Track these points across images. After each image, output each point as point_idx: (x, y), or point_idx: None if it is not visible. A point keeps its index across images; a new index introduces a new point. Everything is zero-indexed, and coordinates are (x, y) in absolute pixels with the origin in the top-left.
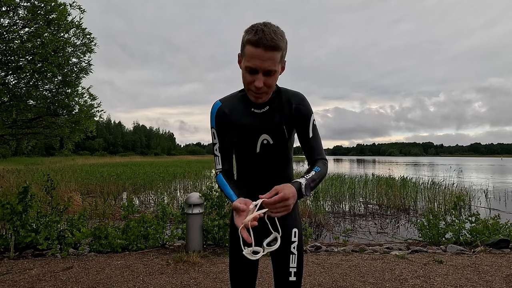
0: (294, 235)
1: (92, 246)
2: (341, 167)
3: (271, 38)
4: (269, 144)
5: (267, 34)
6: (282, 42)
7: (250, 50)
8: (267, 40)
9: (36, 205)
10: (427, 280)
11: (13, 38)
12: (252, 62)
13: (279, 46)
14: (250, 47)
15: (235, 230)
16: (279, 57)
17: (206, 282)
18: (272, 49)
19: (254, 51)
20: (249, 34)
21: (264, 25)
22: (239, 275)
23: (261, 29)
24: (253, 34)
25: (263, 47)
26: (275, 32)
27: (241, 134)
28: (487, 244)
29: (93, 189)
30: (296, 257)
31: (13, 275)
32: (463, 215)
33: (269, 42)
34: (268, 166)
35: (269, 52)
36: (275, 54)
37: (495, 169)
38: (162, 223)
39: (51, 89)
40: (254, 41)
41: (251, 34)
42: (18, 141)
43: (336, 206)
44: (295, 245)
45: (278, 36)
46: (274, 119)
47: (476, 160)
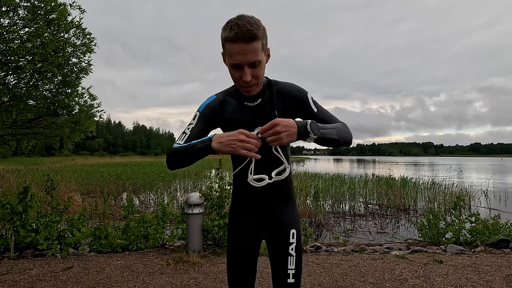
0: (292, 236)
1: (92, 246)
2: (341, 167)
3: (247, 30)
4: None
5: (242, 27)
6: (259, 31)
7: (230, 47)
8: (243, 32)
9: (36, 205)
10: (427, 280)
11: (13, 38)
12: (235, 58)
13: (257, 36)
14: (229, 44)
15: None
16: (260, 46)
17: (206, 282)
18: (251, 40)
19: (234, 46)
20: (225, 31)
21: (238, 18)
22: (237, 276)
23: (235, 23)
24: (229, 30)
25: (241, 41)
26: (250, 22)
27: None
28: (487, 244)
29: (93, 189)
30: (295, 259)
31: (13, 275)
32: (463, 215)
33: (246, 34)
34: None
35: (249, 44)
36: (255, 44)
37: (495, 169)
38: (162, 223)
39: (51, 89)
40: (232, 37)
41: (227, 31)
42: (18, 141)
43: (336, 206)
44: (293, 246)
45: (254, 25)
46: (267, 111)
47: (476, 160)
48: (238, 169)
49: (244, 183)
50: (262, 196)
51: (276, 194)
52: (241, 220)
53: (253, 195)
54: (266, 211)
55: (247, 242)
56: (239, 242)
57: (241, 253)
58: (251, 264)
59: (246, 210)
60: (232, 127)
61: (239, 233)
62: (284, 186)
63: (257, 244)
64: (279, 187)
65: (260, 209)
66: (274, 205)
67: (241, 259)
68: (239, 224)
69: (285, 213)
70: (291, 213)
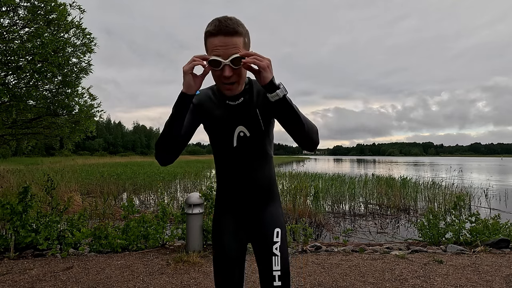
0: (276, 235)
1: (92, 246)
2: (341, 167)
3: (227, 24)
4: (246, 137)
5: (223, 22)
6: (242, 28)
7: (211, 41)
8: (224, 26)
9: (36, 205)
10: (427, 280)
11: (13, 38)
12: (216, 52)
13: (238, 31)
14: (210, 38)
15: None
16: (242, 42)
17: (206, 282)
18: (232, 34)
19: (215, 40)
20: (207, 27)
21: (219, 16)
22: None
23: (217, 19)
24: (210, 25)
25: (222, 34)
26: (231, 19)
27: (217, 126)
28: (487, 244)
29: (93, 189)
30: (279, 259)
31: (13, 275)
32: (463, 215)
33: (227, 28)
34: (247, 162)
35: (230, 38)
36: (236, 39)
37: (495, 169)
38: (162, 223)
39: (51, 89)
40: (212, 30)
41: (208, 26)
42: (18, 141)
43: (336, 206)
44: (277, 245)
45: (235, 22)
46: (249, 110)
47: (476, 160)
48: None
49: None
50: (244, 195)
51: (259, 193)
52: (224, 223)
53: (235, 195)
54: (249, 211)
55: (231, 246)
56: (223, 247)
57: (226, 258)
58: (238, 268)
59: (229, 212)
60: (214, 124)
61: (223, 238)
62: (267, 185)
63: (242, 248)
64: (261, 186)
65: (243, 210)
66: (257, 205)
67: (227, 264)
68: (223, 228)
69: (268, 212)
70: (275, 212)
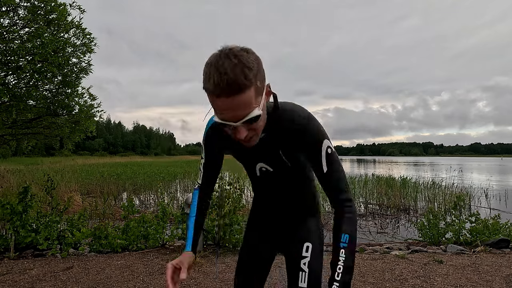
0: (306, 250)
1: (92, 246)
2: None
3: (229, 81)
4: (269, 172)
5: (223, 76)
6: (249, 75)
7: (214, 101)
8: (226, 85)
9: (36, 205)
10: (427, 280)
11: (13, 38)
12: (222, 115)
13: (244, 85)
14: (211, 97)
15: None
16: (253, 94)
17: (206, 282)
18: (237, 92)
19: (218, 101)
20: (204, 80)
21: (218, 60)
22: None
23: (214, 71)
24: (207, 81)
25: (225, 95)
26: (234, 65)
27: (237, 158)
28: (487, 244)
29: (93, 189)
30: (307, 275)
31: (13, 275)
32: (463, 215)
33: (230, 87)
34: (274, 190)
35: (236, 98)
36: (244, 96)
37: (495, 169)
38: (162, 223)
39: (51, 89)
40: (212, 90)
41: (206, 80)
42: (18, 141)
43: None
44: (306, 261)
45: (238, 72)
46: (271, 147)
47: (476, 160)
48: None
49: (258, 199)
50: (278, 209)
51: (289, 212)
52: (252, 233)
53: (266, 211)
54: (281, 224)
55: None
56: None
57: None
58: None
59: (260, 223)
60: (235, 156)
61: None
62: (300, 205)
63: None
64: (293, 206)
65: (275, 222)
66: (291, 218)
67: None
68: (250, 236)
69: (302, 226)
70: (309, 226)
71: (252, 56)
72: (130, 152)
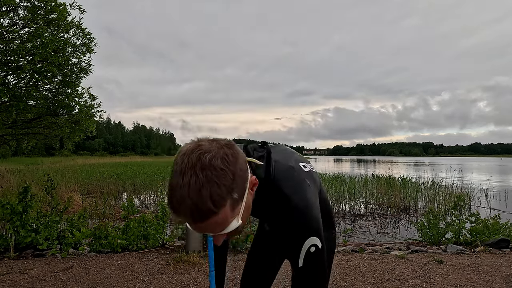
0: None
1: (92, 246)
2: (341, 167)
3: (192, 209)
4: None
5: (186, 202)
6: (218, 200)
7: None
8: (188, 213)
9: (36, 205)
10: (427, 280)
11: (13, 38)
12: (194, 229)
13: (212, 212)
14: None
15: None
16: (227, 212)
17: (206, 282)
18: (202, 220)
19: (189, 224)
20: (167, 197)
21: (181, 176)
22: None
23: (175, 192)
24: (168, 201)
25: (189, 221)
26: (198, 192)
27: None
28: (487, 244)
29: (93, 189)
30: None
31: (13, 275)
32: (463, 215)
33: (192, 215)
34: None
35: (202, 223)
36: (212, 220)
37: (495, 169)
38: (162, 223)
39: (51, 89)
40: (175, 214)
41: (168, 199)
42: (18, 141)
43: (336, 206)
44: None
45: (204, 196)
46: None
47: (476, 160)
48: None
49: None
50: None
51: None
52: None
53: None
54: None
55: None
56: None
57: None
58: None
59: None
60: None
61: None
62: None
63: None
64: None
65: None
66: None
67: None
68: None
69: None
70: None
71: (225, 163)
72: (130, 152)
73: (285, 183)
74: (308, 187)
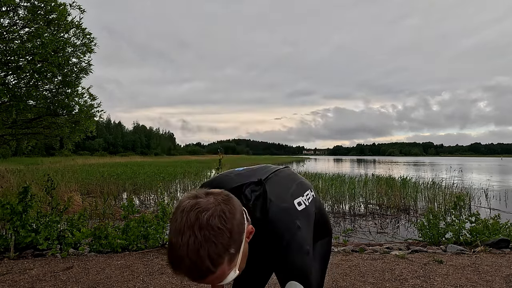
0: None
1: (92, 246)
2: (341, 167)
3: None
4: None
5: (185, 262)
6: (216, 259)
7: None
8: (187, 271)
9: (36, 205)
10: (427, 280)
11: (13, 38)
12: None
13: (210, 271)
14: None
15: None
16: (224, 268)
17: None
18: (201, 278)
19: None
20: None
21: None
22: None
23: (173, 250)
24: (168, 256)
25: (188, 278)
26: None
27: None
28: (487, 244)
29: (93, 189)
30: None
31: (13, 275)
32: (463, 215)
33: (191, 274)
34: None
35: (200, 281)
36: (210, 277)
37: (495, 169)
38: (162, 223)
39: (51, 89)
40: (173, 270)
41: (169, 261)
42: (18, 141)
43: (336, 206)
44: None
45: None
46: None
47: (476, 160)
48: None
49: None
50: None
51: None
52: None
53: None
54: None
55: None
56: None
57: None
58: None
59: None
60: None
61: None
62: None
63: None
64: None
65: None
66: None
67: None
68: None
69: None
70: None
71: (222, 221)
72: (130, 152)
73: (278, 224)
74: (298, 229)
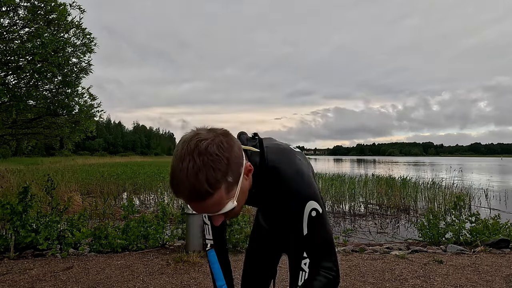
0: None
1: (92, 246)
2: (341, 167)
3: (190, 189)
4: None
5: (184, 183)
6: (213, 182)
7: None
8: (186, 193)
9: (36, 205)
10: (427, 280)
11: (13, 38)
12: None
13: (208, 193)
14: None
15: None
16: (222, 194)
17: (206, 282)
18: (199, 200)
19: (187, 203)
20: (170, 182)
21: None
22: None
23: (175, 174)
24: (170, 181)
25: (187, 201)
26: (195, 175)
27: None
28: (487, 244)
29: (93, 189)
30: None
31: (13, 275)
32: (463, 215)
33: (190, 195)
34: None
35: (199, 203)
36: (209, 201)
37: (495, 169)
38: (162, 223)
39: (51, 89)
40: (175, 193)
41: (170, 185)
42: (18, 141)
43: (336, 206)
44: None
45: (201, 179)
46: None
47: (476, 160)
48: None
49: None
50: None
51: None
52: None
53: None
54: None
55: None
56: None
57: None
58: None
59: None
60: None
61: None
62: None
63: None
64: None
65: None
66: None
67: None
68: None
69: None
70: None
71: (220, 149)
72: (130, 152)
73: (278, 162)
74: (299, 160)
